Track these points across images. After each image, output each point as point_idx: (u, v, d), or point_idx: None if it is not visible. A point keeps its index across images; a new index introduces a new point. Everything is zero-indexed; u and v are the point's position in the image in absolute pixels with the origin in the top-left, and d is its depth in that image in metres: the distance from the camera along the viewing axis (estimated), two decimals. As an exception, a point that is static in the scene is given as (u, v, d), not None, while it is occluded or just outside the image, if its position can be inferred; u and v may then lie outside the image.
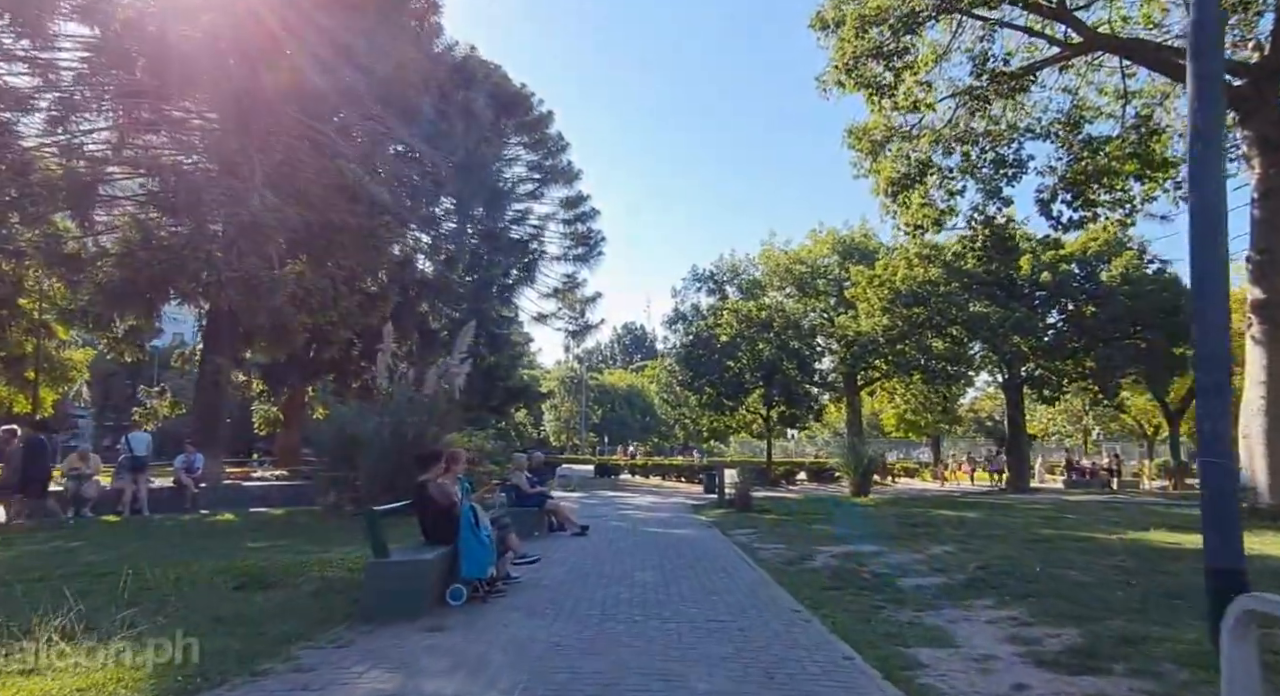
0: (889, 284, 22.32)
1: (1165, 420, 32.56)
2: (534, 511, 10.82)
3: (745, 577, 7.20)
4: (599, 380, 66.97)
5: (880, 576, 7.15)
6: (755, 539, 10.40)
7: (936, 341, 22.35)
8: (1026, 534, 10.10)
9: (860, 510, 15.09)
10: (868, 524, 11.92)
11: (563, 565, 7.85)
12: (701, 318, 30.98)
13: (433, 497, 5.97)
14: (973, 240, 12.71)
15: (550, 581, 6.82)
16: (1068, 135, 12.72)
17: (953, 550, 8.69)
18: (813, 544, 9.61)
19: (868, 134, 13.78)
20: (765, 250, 31.63)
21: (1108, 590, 6.20)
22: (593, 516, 14.23)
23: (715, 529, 12.00)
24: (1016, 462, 24.54)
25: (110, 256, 16.14)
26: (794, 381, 27.89)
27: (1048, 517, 12.38)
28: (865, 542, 9.61)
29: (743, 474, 16.47)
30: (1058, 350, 21.37)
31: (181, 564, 6.92)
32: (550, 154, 36.03)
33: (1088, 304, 20.54)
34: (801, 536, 10.51)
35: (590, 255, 34.89)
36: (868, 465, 19.56)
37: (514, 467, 11.18)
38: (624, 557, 8.44)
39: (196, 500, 13.90)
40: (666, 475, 32.44)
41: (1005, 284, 22.06)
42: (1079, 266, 21.35)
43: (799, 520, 13.03)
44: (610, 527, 12.02)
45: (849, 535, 10.33)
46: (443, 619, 5.16)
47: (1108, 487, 28.67)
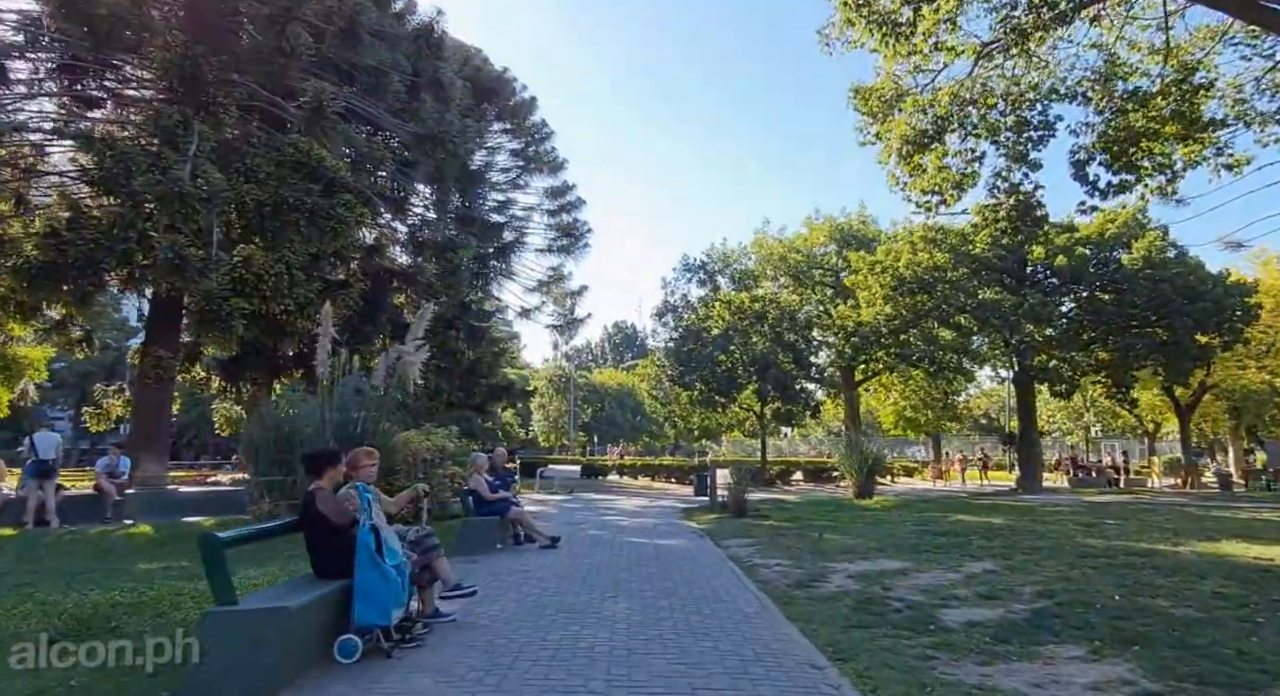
0: (891, 270, 20.83)
1: (1175, 416, 31.27)
2: (496, 521, 9.25)
3: (745, 609, 5.67)
4: (588, 379, 65.33)
5: (916, 607, 5.63)
6: (754, 551, 8.88)
7: (943, 331, 20.91)
8: (1072, 545, 8.61)
9: (868, 515, 13.59)
10: (881, 532, 10.41)
11: (516, 592, 6.30)
12: (692, 309, 29.42)
13: (323, 514, 4.40)
14: (995, 210, 11.15)
15: (492, 618, 5.26)
16: (1103, 91, 11.25)
17: (995, 568, 7.18)
18: (822, 558, 8.09)
19: (876, 94, 12.27)
20: (758, 238, 30.09)
21: (1225, 630, 4.70)
22: (569, 523, 12.68)
23: (707, 538, 10.48)
24: (1027, 461, 23.07)
25: (32, 237, 14.47)
26: (789, 376, 26.37)
27: (1086, 524, 10.89)
28: (885, 556, 8.11)
29: (737, 475, 14.91)
30: (1072, 340, 19.93)
31: (13, 597, 5.33)
32: (533, 141, 34.53)
33: (1105, 290, 19.07)
34: (807, 547, 9.00)
35: (576, 246, 33.39)
36: (871, 464, 18.09)
37: (472, 469, 9.59)
38: (596, 579, 6.90)
39: (121, 508, 12.25)
40: (656, 476, 30.90)
41: (1016, 269, 20.64)
42: (1096, 250, 19.89)
43: (801, 526, 11.53)
44: (586, 538, 10.47)
45: (865, 546, 8.82)
46: (319, 691, 3.61)
47: (1114, 486, 27.39)
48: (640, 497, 20.70)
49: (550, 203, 34.02)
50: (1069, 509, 14.60)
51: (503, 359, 36.43)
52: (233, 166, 16.35)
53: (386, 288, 25.04)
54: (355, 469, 5.05)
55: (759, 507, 15.10)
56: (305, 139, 16.94)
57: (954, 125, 10.74)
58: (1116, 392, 22.47)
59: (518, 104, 34.57)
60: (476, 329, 27.89)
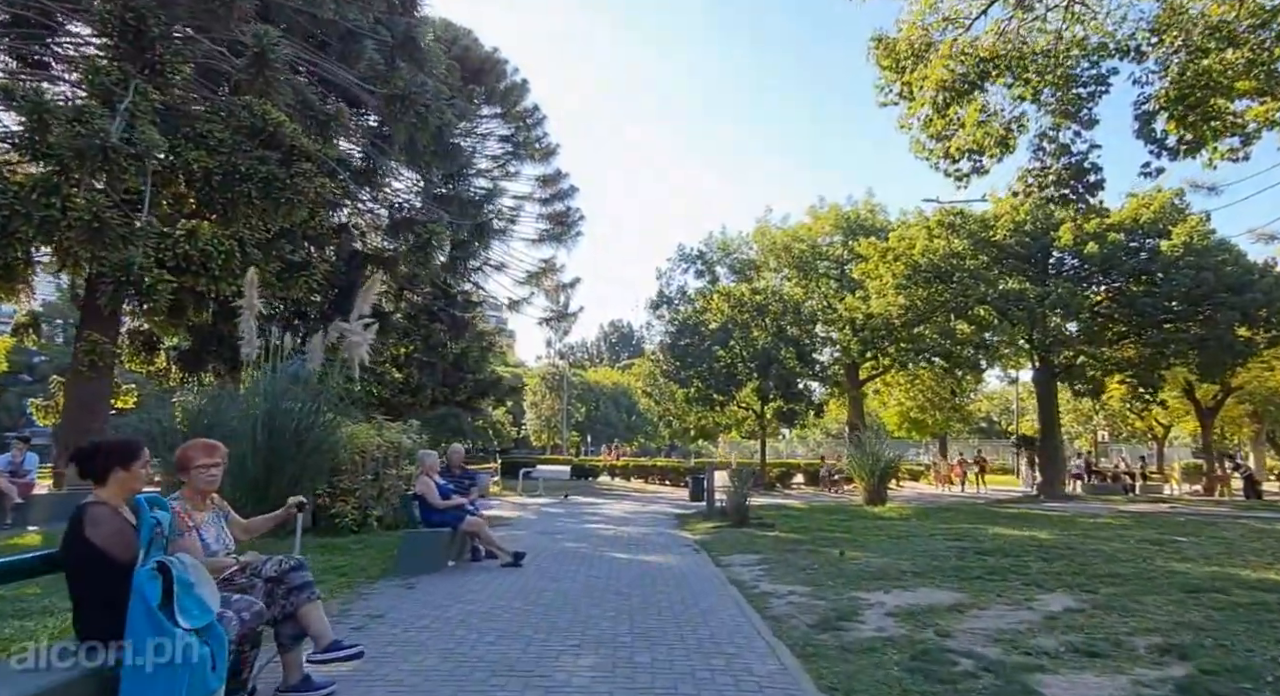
0: (905, 258, 19.21)
1: (1191, 420, 29.71)
2: (446, 534, 7.60)
3: (756, 668, 4.04)
4: (583, 377, 63.63)
5: (995, 668, 4.00)
6: (761, 572, 7.25)
7: (961, 324, 19.29)
8: (1161, 572, 6.95)
9: (887, 525, 11.97)
10: (911, 548, 8.79)
11: (445, 638, 4.64)
12: (689, 302, 27.74)
13: (92, 544, 2.73)
14: (1042, 175, 9.52)
15: (394, 687, 3.63)
16: (1169, 41, 9.65)
17: (1078, 604, 5.55)
18: (848, 584, 6.47)
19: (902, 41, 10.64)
20: (760, 227, 28.38)
21: None
22: (544, 532, 11.05)
23: (704, 554, 8.86)
24: (1049, 465, 21.42)
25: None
26: (792, 373, 24.70)
27: (1154, 542, 9.21)
28: (927, 583, 6.48)
29: (737, 479, 13.22)
30: (1100, 335, 18.29)
31: None
32: (524, 127, 32.93)
33: (1139, 280, 17.43)
34: (826, 569, 7.36)
35: (568, 235, 31.78)
36: (884, 468, 16.46)
37: (421, 470, 7.93)
38: (558, 616, 5.26)
39: (25, 513, 10.59)
40: (649, 477, 29.24)
41: (1039, 258, 18.97)
42: (1129, 237, 18.21)
43: (813, 539, 9.90)
44: (560, 553, 8.83)
45: (897, 569, 7.18)
46: None
47: (1129, 492, 25.85)
48: (630, 501, 19.07)
49: (542, 190, 32.44)
50: (1115, 521, 12.98)
51: (491, 354, 34.79)
52: (180, 131, 14.74)
53: (362, 273, 23.41)
54: (184, 471, 3.42)
55: (761, 515, 13.49)
56: (259, 101, 15.31)
57: (1002, 68, 9.10)
58: (1143, 393, 20.83)
59: (508, 87, 32.89)
60: (460, 320, 26.22)
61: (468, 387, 29.75)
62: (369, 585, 6.46)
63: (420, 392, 27.26)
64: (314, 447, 8.83)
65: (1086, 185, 9.60)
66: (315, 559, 7.34)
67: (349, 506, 9.40)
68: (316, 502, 9.47)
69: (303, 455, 8.69)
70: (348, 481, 9.52)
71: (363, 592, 6.15)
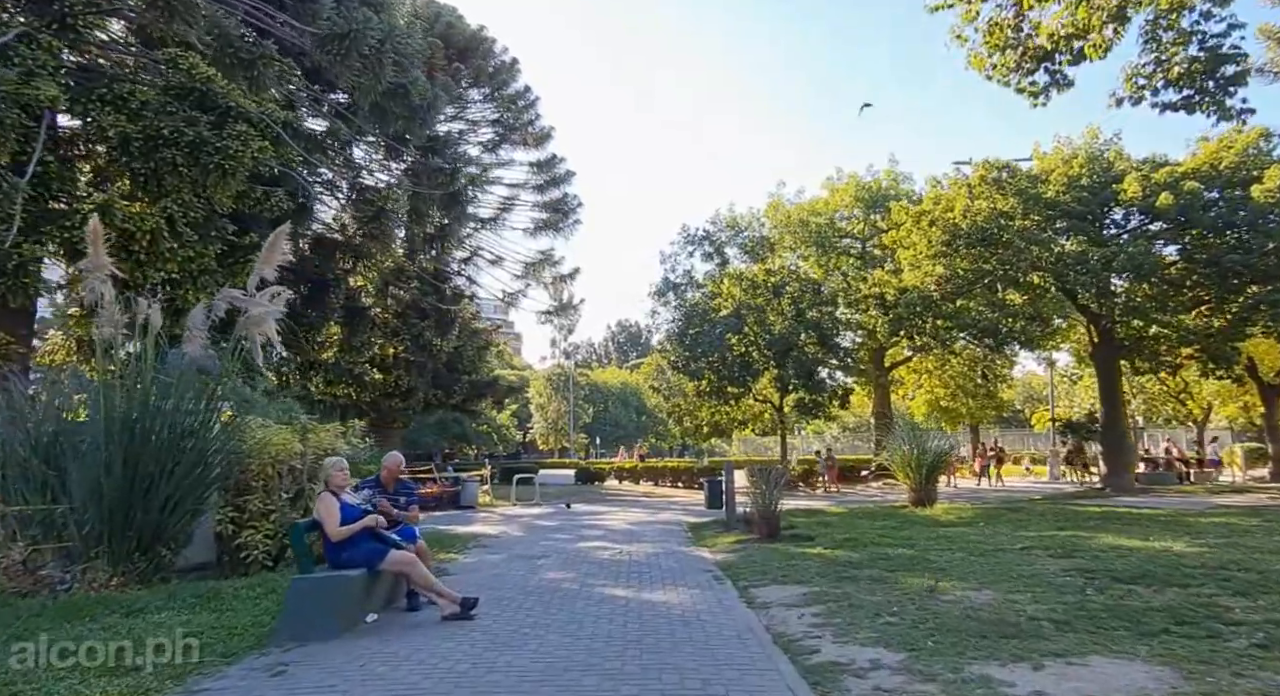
0: (943, 222, 16.76)
1: (1260, 398, 27.02)
2: (357, 579, 5.27)
3: None
4: (590, 378, 61.25)
5: None
6: (819, 622, 4.89)
7: (1013, 294, 16.77)
8: None
9: (953, 534, 9.58)
10: (1016, 573, 6.38)
11: None
12: (698, 287, 25.30)
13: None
14: (1166, 65, 7.08)
15: None
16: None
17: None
18: (959, 644, 4.10)
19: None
20: (773, 202, 25.90)
21: None
22: (528, 556, 8.71)
23: (729, 585, 6.52)
24: (1114, 455, 18.84)
25: None
26: (813, 360, 22.26)
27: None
28: (1089, 644, 4.10)
29: (758, 481, 10.65)
30: (1175, 299, 15.72)
31: None
32: (515, 110, 30.74)
33: (1223, 234, 14.84)
34: (911, 611, 4.99)
35: (565, 223, 29.56)
36: (932, 463, 14.02)
37: (326, 486, 5.60)
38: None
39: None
40: (659, 480, 26.84)
41: (1098, 214, 16.38)
42: (1208, 186, 15.62)
43: (871, 558, 7.51)
44: (535, 590, 6.49)
45: (1022, 614, 4.80)
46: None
47: (1185, 480, 23.33)
48: (638, 509, 16.70)
49: (536, 177, 30.25)
50: (1240, 519, 10.53)
51: (489, 353, 32.48)
52: (95, 94, 12.57)
53: (336, 264, 21.17)
54: None
55: (794, 523, 11.15)
56: (185, 52, 13.09)
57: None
58: (1216, 367, 18.25)
59: (497, 67, 30.70)
60: (446, 314, 23.95)
61: (463, 389, 27.53)
62: (220, 668, 4.15)
63: (411, 396, 25.02)
64: (198, 460, 6.55)
65: (1223, 80, 7.18)
66: (167, 617, 5.04)
67: (259, 535, 7.10)
68: (216, 533, 7.20)
69: (182, 471, 6.41)
70: (259, 502, 7.21)
71: (195, 690, 3.83)
